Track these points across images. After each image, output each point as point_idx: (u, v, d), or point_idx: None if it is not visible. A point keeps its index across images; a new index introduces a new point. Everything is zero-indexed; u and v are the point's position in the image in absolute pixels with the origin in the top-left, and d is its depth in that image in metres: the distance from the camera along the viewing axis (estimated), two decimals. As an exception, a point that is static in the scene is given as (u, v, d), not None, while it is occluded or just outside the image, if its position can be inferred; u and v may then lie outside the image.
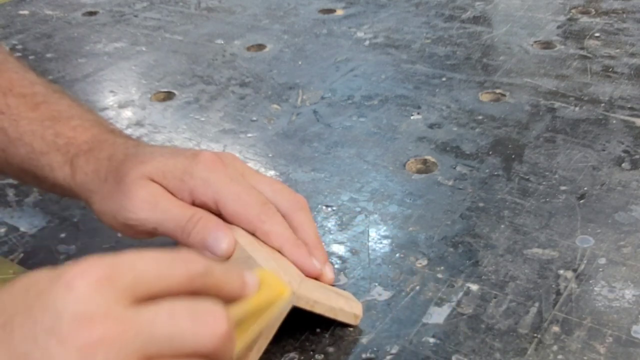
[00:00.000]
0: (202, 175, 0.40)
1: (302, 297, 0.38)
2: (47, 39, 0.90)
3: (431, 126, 0.63)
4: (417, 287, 0.44)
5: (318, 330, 0.41)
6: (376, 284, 0.45)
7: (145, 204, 0.40)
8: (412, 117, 0.65)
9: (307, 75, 0.75)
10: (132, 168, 0.41)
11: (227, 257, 0.39)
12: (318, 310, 0.39)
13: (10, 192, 0.57)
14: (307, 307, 0.39)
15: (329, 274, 0.41)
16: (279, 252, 0.41)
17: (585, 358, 0.38)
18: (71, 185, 0.43)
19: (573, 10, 0.88)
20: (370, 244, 0.48)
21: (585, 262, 0.45)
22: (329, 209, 0.52)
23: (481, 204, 0.52)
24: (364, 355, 0.39)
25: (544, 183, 0.54)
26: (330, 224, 0.51)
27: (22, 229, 0.53)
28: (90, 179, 0.42)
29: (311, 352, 0.40)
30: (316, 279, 0.42)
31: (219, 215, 0.41)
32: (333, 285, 0.43)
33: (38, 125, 0.44)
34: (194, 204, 0.41)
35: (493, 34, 0.82)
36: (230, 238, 0.39)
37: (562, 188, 0.53)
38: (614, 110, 0.63)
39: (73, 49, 0.86)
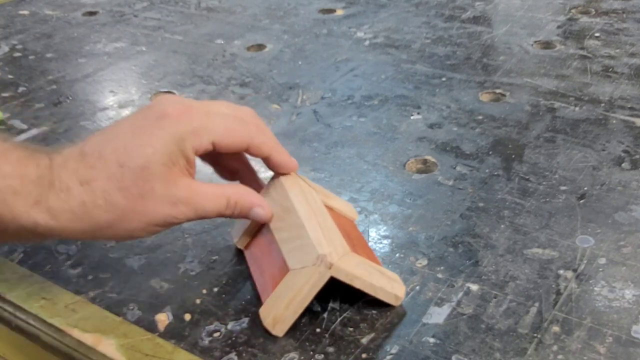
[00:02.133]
0: (191, 134, 0.41)
1: (341, 270, 0.39)
2: (47, 39, 0.90)
3: (431, 126, 0.63)
4: (417, 287, 0.44)
5: (318, 330, 0.41)
6: (376, 284, 0.45)
7: (184, 206, 0.40)
8: (412, 117, 0.65)
9: (307, 75, 0.75)
10: (144, 171, 0.39)
11: (268, 221, 0.43)
12: (357, 285, 0.41)
13: None
14: (347, 281, 0.40)
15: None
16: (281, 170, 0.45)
17: (585, 358, 0.38)
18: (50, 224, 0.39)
19: (573, 10, 0.88)
20: (370, 244, 0.48)
21: (585, 262, 0.45)
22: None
23: (481, 204, 0.52)
24: (364, 355, 0.39)
25: (544, 183, 0.54)
26: (330, 224, 0.51)
27: (22, 229, 0.53)
28: (89, 205, 0.39)
29: (311, 352, 0.40)
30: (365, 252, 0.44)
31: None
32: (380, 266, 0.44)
33: None
34: (199, 155, 0.42)
35: (493, 34, 0.82)
36: (266, 208, 0.43)
37: (562, 188, 0.53)
38: (614, 110, 0.63)
39: (73, 49, 0.86)
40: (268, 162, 0.45)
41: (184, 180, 0.41)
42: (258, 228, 0.46)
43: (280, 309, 0.40)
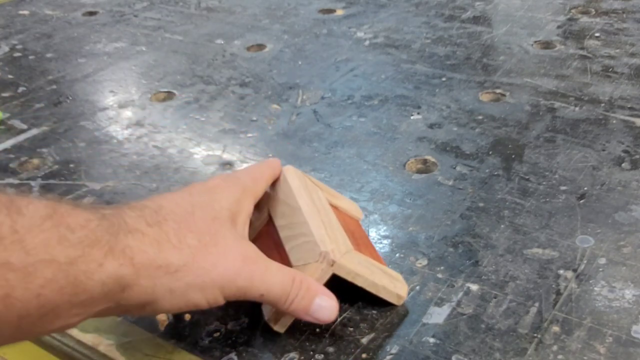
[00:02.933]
0: (251, 181, 0.43)
1: (343, 267, 0.40)
2: (47, 39, 0.90)
3: (431, 126, 0.63)
4: (417, 287, 0.44)
5: (318, 330, 0.41)
6: (376, 284, 0.45)
7: (254, 264, 0.38)
8: (412, 117, 0.65)
9: (307, 75, 0.75)
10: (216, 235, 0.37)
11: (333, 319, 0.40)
12: (359, 283, 0.40)
13: (10, 192, 0.57)
14: (349, 278, 0.40)
15: None
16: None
17: (585, 358, 0.38)
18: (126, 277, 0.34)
19: (573, 10, 0.88)
20: (370, 244, 0.48)
21: (585, 262, 0.45)
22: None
23: (481, 204, 0.52)
24: (364, 355, 0.39)
25: (544, 183, 0.54)
26: (330, 224, 0.51)
27: (22, 229, 0.53)
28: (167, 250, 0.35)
29: (311, 352, 0.40)
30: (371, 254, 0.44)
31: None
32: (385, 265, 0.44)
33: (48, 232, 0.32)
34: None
35: (493, 34, 0.82)
36: (333, 305, 0.39)
37: (562, 188, 0.53)
38: (614, 110, 0.63)
39: (73, 49, 0.86)
40: None
41: (247, 241, 0.39)
42: (264, 225, 0.46)
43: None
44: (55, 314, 0.31)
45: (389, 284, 0.42)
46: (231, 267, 0.36)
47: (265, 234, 0.45)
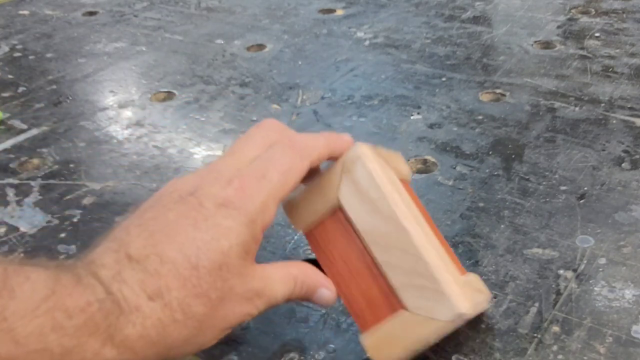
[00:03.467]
0: (260, 212, 0.36)
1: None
2: (47, 39, 0.90)
3: (431, 126, 0.63)
4: (417, 287, 0.44)
5: (318, 330, 0.41)
6: (376, 284, 0.45)
7: (259, 299, 0.36)
8: (412, 117, 0.65)
9: (307, 75, 0.75)
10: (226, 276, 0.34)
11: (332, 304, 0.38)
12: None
13: (10, 192, 0.57)
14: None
15: None
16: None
17: (585, 358, 0.38)
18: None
19: (573, 10, 0.88)
20: (370, 244, 0.48)
21: (585, 262, 0.45)
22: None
23: (481, 204, 0.52)
24: (364, 355, 0.39)
25: (544, 183, 0.54)
26: (330, 224, 0.51)
27: (22, 228, 0.53)
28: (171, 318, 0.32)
29: (311, 352, 0.40)
30: None
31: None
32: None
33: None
34: None
35: (493, 34, 0.82)
36: (332, 290, 0.38)
37: (562, 188, 0.53)
38: (614, 110, 0.63)
39: (73, 49, 0.86)
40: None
41: (256, 269, 0.36)
42: (332, 214, 0.38)
43: (398, 353, 0.36)
44: None
45: (477, 295, 0.39)
46: (239, 313, 0.35)
47: (335, 227, 0.38)
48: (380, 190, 0.35)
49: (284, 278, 0.37)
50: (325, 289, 0.38)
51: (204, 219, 0.34)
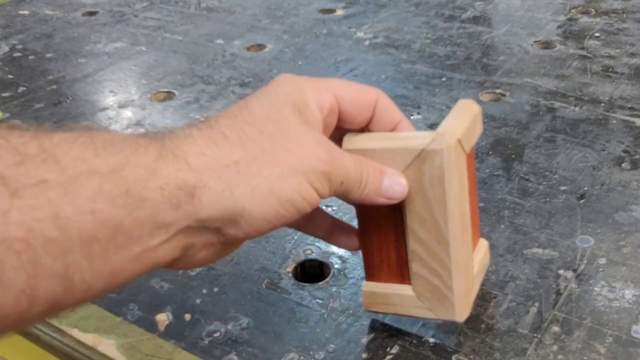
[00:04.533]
0: (310, 86, 0.35)
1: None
2: (47, 39, 0.90)
3: (431, 126, 0.63)
4: (417, 287, 0.44)
5: (318, 330, 0.41)
6: (376, 284, 0.45)
7: (332, 151, 0.33)
8: (412, 117, 0.65)
9: (307, 75, 0.75)
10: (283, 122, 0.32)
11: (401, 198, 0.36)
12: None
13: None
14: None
15: None
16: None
17: (585, 358, 0.38)
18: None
19: (573, 10, 0.88)
20: (370, 244, 0.48)
21: (585, 262, 0.45)
22: (329, 209, 0.52)
23: (481, 204, 0.52)
24: (364, 355, 0.39)
25: (544, 183, 0.54)
26: (330, 224, 0.51)
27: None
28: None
29: (311, 352, 0.40)
30: None
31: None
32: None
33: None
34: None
35: (493, 34, 0.82)
36: (402, 181, 0.35)
37: (562, 188, 0.53)
38: (614, 110, 0.63)
39: (73, 49, 0.86)
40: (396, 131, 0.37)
41: (317, 129, 0.33)
42: None
43: (385, 311, 0.40)
44: (126, 236, 0.27)
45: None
46: (308, 151, 0.32)
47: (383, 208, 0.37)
48: (444, 196, 0.35)
49: (351, 155, 0.34)
50: (393, 173, 0.35)
51: (253, 95, 0.34)
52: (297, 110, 0.33)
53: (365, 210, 0.38)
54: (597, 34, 0.80)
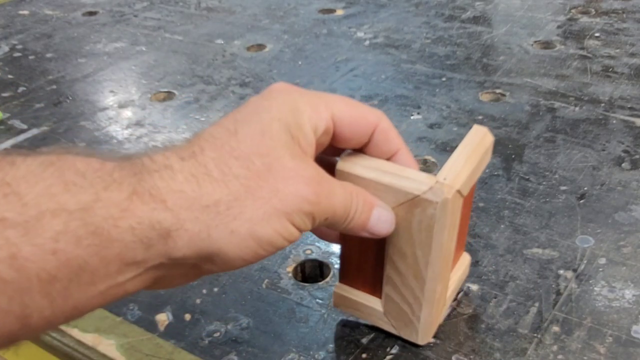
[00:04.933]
0: (307, 104, 0.33)
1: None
2: (47, 39, 0.90)
3: (431, 126, 0.63)
4: (417, 287, 0.44)
5: (318, 330, 0.41)
6: (376, 284, 0.45)
7: (318, 186, 0.31)
8: (412, 117, 0.65)
9: (307, 75, 0.75)
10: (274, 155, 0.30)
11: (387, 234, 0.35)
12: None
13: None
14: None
15: None
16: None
17: (585, 358, 0.38)
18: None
19: (573, 10, 0.88)
20: (370, 244, 0.48)
21: (585, 262, 0.45)
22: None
23: (481, 204, 0.52)
24: (364, 355, 0.39)
25: (544, 183, 0.54)
26: (330, 224, 0.51)
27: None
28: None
29: (311, 352, 0.40)
30: None
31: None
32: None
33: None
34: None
35: (493, 34, 0.82)
36: (390, 217, 0.34)
37: (562, 188, 0.53)
38: (614, 110, 0.63)
39: (73, 49, 0.86)
40: (393, 161, 0.35)
41: (309, 159, 0.32)
42: None
43: (352, 313, 0.41)
44: (90, 274, 0.26)
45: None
46: (293, 191, 0.30)
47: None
48: (430, 242, 0.34)
49: (342, 187, 0.33)
50: (383, 208, 0.34)
51: (246, 104, 0.32)
52: (289, 137, 0.31)
53: None
54: (597, 34, 0.80)
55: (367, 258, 0.38)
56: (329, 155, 0.36)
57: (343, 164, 0.35)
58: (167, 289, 0.42)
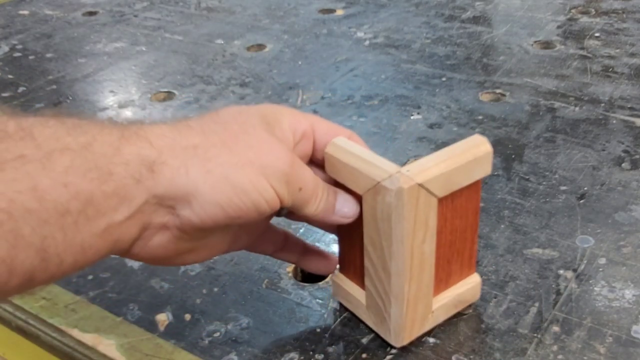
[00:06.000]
0: (287, 112, 0.36)
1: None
2: (47, 39, 0.90)
3: (431, 126, 0.63)
4: (417, 287, 0.44)
5: (318, 330, 0.41)
6: (376, 284, 0.45)
7: (293, 160, 0.34)
8: (412, 117, 0.65)
9: (307, 75, 0.75)
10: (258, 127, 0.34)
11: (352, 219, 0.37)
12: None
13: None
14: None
15: None
16: None
17: (585, 358, 0.38)
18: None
19: (573, 10, 0.88)
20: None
21: (585, 262, 0.45)
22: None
23: (481, 204, 0.52)
24: (364, 355, 0.39)
25: (544, 183, 0.54)
26: (330, 224, 0.51)
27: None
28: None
29: (311, 352, 0.40)
30: None
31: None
32: None
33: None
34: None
35: (493, 34, 0.82)
36: (354, 201, 0.36)
37: (562, 188, 0.53)
38: (614, 110, 0.63)
39: (73, 49, 0.86)
40: None
41: (280, 140, 0.35)
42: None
43: (345, 304, 0.42)
44: (94, 209, 0.29)
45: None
46: (268, 150, 0.33)
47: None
48: (390, 233, 0.35)
49: (310, 171, 0.35)
50: (345, 193, 0.36)
51: (226, 119, 0.35)
52: (265, 122, 0.34)
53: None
54: (597, 34, 0.80)
55: (354, 248, 0.39)
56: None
57: (331, 147, 0.37)
58: (164, 266, 0.44)
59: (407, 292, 0.37)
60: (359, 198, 0.36)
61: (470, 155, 0.36)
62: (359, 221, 0.37)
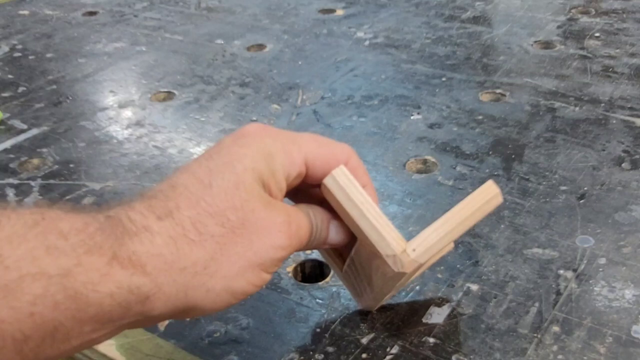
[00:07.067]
0: (280, 151, 0.34)
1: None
2: (47, 39, 0.90)
3: (431, 126, 0.63)
4: (417, 287, 0.44)
5: (318, 330, 0.41)
6: (376, 284, 0.45)
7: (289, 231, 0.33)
8: (412, 117, 0.65)
9: (307, 75, 0.75)
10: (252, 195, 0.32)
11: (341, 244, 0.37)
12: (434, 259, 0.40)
13: (10, 192, 0.57)
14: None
15: None
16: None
17: (585, 358, 0.38)
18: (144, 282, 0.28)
19: (573, 10, 0.88)
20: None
21: (585, 262, 0.45)
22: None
23: (481, 204, 0.52)
24: (364, 355, 0.39)
25: (544, 183, 0.54)
26: (330, 224, 0.51)
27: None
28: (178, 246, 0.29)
29: (311, 352, 0.40)
30: None
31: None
32: None
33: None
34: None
35: (493, 34, 0.82)
36: (344, 227, 0.36)
37: (562, 188, 0.53)
38: (614, 110, 0.63)
39: (73, 49, 0.86)
40: None
41: (277, 202, 0.33)
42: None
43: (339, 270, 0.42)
44: (63, 334, 0.26)
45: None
46: (268, 242, 0.31)
47: (335, 205, 0.37)
48: (383, 283, 0.37)
49: (306, 217, 0.35)
50: (336, 220, 0.36)
51: (219, 149, 0.33)
52: (261, 187, 0.32)
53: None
54: (597, 34, 0.80)
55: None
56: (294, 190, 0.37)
57: (329, 181, 0.35)
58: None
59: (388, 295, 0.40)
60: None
61: (480, 214, 0.37)
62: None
